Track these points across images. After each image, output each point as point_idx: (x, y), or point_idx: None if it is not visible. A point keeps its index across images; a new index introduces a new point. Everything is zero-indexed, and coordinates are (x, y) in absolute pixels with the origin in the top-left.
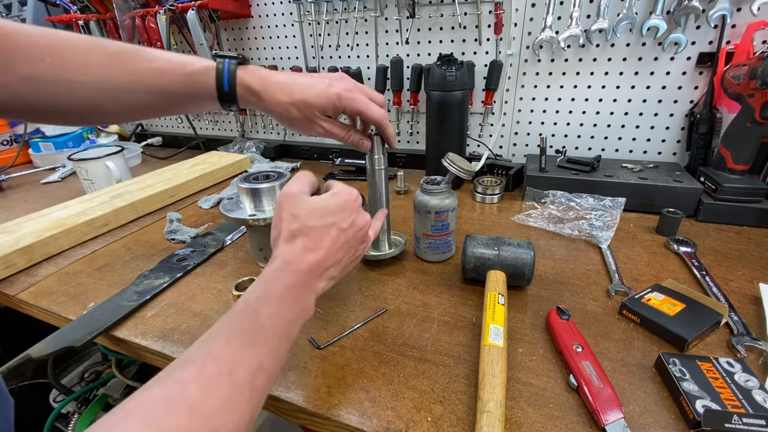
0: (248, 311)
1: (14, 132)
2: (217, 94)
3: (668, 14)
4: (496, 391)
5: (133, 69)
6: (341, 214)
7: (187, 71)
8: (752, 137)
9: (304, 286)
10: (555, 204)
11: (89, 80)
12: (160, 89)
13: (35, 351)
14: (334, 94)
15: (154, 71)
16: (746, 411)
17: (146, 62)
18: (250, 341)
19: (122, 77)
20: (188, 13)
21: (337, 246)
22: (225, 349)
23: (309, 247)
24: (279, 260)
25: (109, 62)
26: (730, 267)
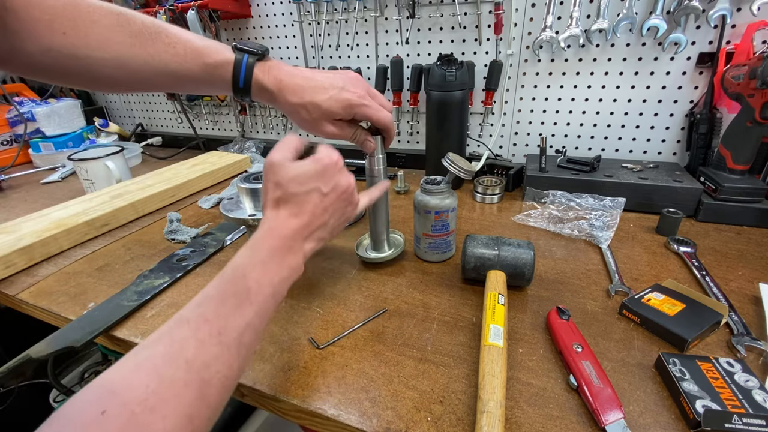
0: (237, 276)
1: (14, 132)
2: (232, 87)
3: (668, 14)
4: (496, 391)
5: (153, 52)
6: (322, 178)
7: (205, 62)
8: (752, 137)
9: (289, 250)
10: (555, 204)
11: (107, 58)
12: (176, 74)
13: (35, 351)
14: (345, 100)
15: (172, 56)
16: (746, 411)
17: (165, 45)
18: (238, 304)
19: (140, 58)
20: (188, 13)
21: (320, 209)
22: (216, 311)
23: (293, 213)
24: (265, 227)
25: (129, 43)
26: (730, 267)
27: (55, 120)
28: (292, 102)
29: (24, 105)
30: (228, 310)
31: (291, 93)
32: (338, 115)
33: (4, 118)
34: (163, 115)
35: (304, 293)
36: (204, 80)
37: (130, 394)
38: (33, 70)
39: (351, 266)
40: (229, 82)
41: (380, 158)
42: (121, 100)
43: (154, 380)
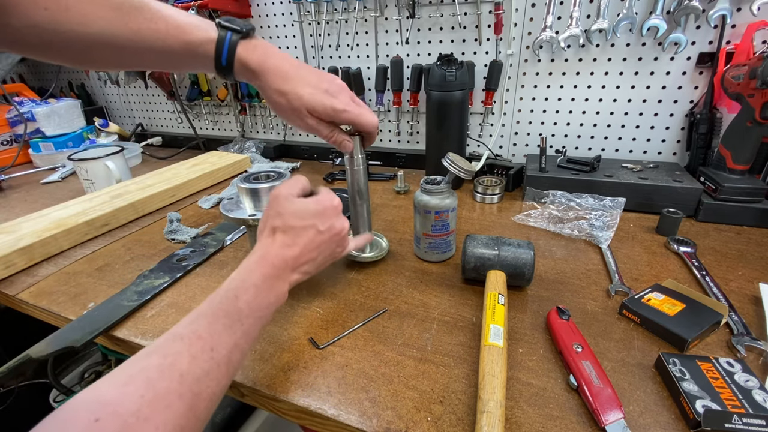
0: (229, 297)
1: (14, 132)
2: (215, 66)
3: (668, 14)
4: (496, 391)
5: (134, 27)
6: (320, 217)
7: (187, 40)
8: (752, 137)
9: (278, 278)
10: (555, 204)
11: (89, 32)
12: (157, 50)
13: (35, 351)
14: (330, 106)
15: (153, 32)
16: (746, 411)
17: (147, 21)
18: (229, 324)
19: (122, 33)
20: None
21: (313, 245)
22: (209, 329)
23: (287, 243)
24: (258, 252)
25: (111, 16)
26: (730, 267)
27: (55, 120)
28: (275, 87)
29: (24, 105)
30: (220, 329)
31: (275, 76)
32: (319, 114)
33: (4, 118)
34: (163, 115)
35: (304, 293)
36: (186, 58)
37: (123, 404)
38: (21, 46)
39: (351, 267)
40: (212, 60)
41: (359, 158)
42: (121, 100)
43: (148, 391)
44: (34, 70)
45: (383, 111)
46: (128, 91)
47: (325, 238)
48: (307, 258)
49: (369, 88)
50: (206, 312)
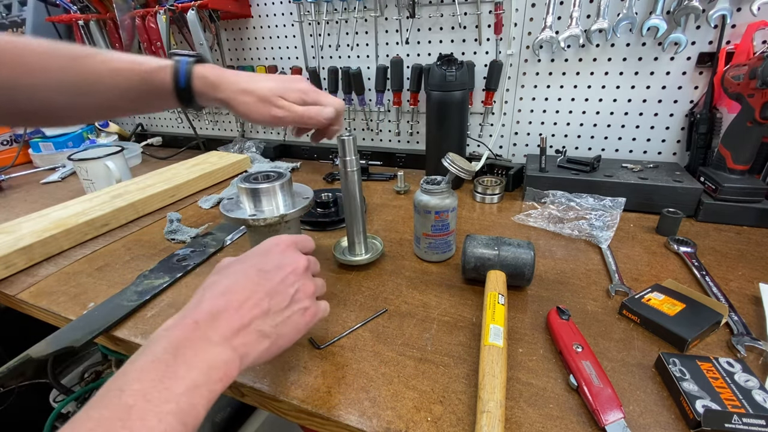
0: (110, 392)
1: (14, 132)
2: (174, 90)
3: (668, 14)
4: (496, 391)
5: (91, 69)
6: (264, 255)
7: (144, 69)
8: (752, 137)
9: (205, 341)
10: (555, 204)
11: (48, 82)
12: (117, 88)
13: (35, 351)
14: (298, 89)
15: (110, 71)
16: (746, 411)
17: (102, 63)
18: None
19: (80, 78)
20: (188, 13)
21: (259, 290)
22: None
23: (218, 292)
24: (175, 316)
25: (67, 65)
26: (730, 267)
27: None
28: (239, 87)
29: None
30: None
31: (237, 79)
32: (289, 98)
33: None
34: (163, 115)
35: None
36: (145, 90)
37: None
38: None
39: (351, 267)
40: (171, 86)
41: (353, 159)
42: None
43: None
44: None
45: (383, 111)
46: None
47: (275, 279)
48: (255, 307)
49: (369, 88)
50: (83, 413)
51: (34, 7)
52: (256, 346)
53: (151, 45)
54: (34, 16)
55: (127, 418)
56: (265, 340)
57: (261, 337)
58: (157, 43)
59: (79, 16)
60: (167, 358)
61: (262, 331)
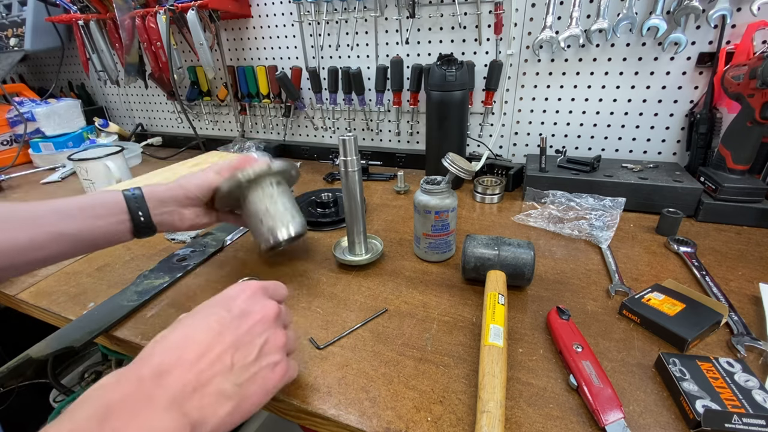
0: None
1: (14, 132)
2: (130, 214)
3: (668, 14)
4: (496, 391)
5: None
6: (229, 301)
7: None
8: (752, 137)
9: (143, 403)
10: (555, 204)
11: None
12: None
13: (35, 351)
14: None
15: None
16: (746, 411)
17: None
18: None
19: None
20: (188, 13)
21: (221, 341)
22: None
23: (170, 344)
24: (113, 374)
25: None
26: (730, 267)
27: (55, 120)
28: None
29: (24, 105)
30: None
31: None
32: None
33: (4, 118)
34: (163, 115)
35: (304, 293)
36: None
37: None
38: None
39: (350, 267)
40: (123, 203)
41: (353, 160)
42: (121, 100)
43: None
44: (34, 70)
45: (383, 111)
46: (128, 91)
47: (240, 326)
48: (211, 361)
49: (369, 88)
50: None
51: (34, 7)
52: (216, 411)
53: (151, 45)
54: (34, 16)
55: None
56: (226, 403)
57: (221, 398)
58: (157, 43)
59: (79, 16)
60: (90, 427)
61: (223, 391)
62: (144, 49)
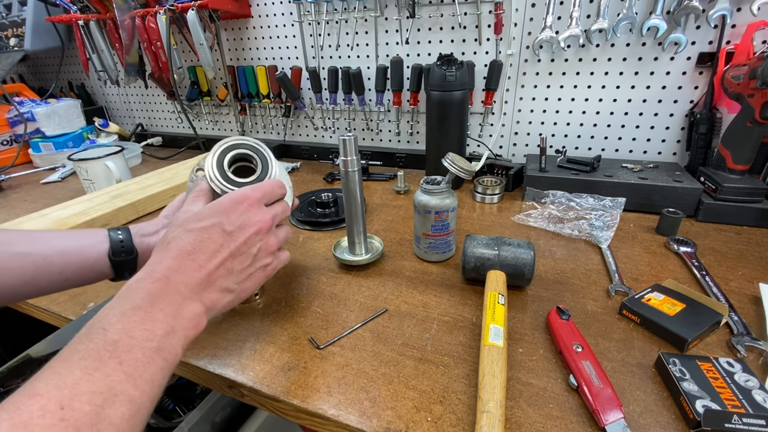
0: (93, 330)
1: (14, 132)
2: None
3: (668, 14)
4: (496, 391)
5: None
6: (225, 214)
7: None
8: (752, 137)
9: (175, 294)
10: (555, 204)
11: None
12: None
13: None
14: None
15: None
16: (746, 411)
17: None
18: (95, 367)
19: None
20: (188, 13)
21: (222, 250)
22: (55, 380)
23: (184, 251)
24: (143, 270)
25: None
26: (730, 267)
27: (55, 120)
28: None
29: (24, 105)
30: (76, 377)
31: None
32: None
33: (4, 118)
34: (163, 115)
35: (304, 293)
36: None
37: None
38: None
39: (350, 267)
40: (102, 229)
41: (354, 159)
42: (121, 100)
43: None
44: (34, 70)
45: (383, 111)
46: (128, 91)
47: (238, 239)
48: (219, 266)
49: (369, 88)
50: (61, 354)
51: (34, 7)
52: (221, 300)
53: (151, 45)
54: (34, 16)
55: (114, 349)
56: (228, 295)
57: (225, 292)
58: (157, 43)
59: (79, 16)
60: (145, 306)
61: (226, 287)
62: (144, 49)
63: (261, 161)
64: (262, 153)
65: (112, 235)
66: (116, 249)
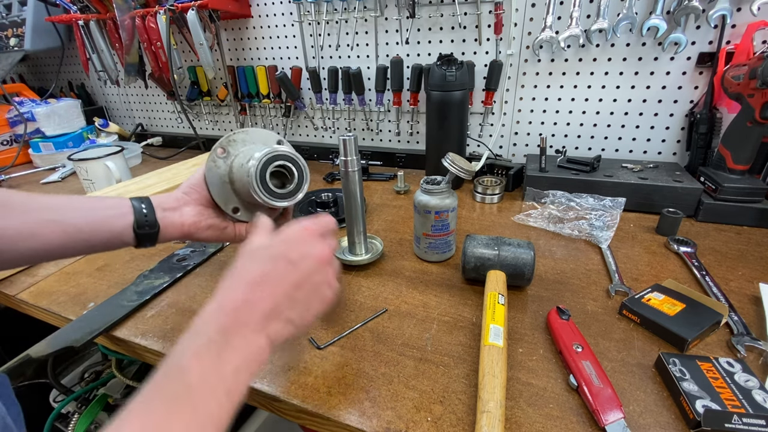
0: (172, 370)
1: (14, 132)
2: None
3: (668, 14)
4: (496, 391)
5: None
6: (289, 246)
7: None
8: (752, 137)
9: (244, 327)
10: (555, 204)
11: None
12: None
13: (35, 351)
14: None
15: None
16: (746, 411)
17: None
18: (173, 409)
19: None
20: (188, 13)
21: (287, 282)
22: (141, 422)
23: (252, 282)
24: (213, 303)
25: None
26: (730, 267)
27: (55, 120)
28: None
29: (24, 105)
30: (158, 419)
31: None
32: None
33: (4, 118)
34: (163, 115)
35: None
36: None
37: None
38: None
39: (351, 267)
40: (125, 200)
41: (354, 159)
42: (121, 100)
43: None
44: (34, 70)
45: (383, 111)
46: (128, 91)
47: (303, 271)
48: (285, 297)
49: (369, 88)
50: (147, 392)
51: (34, 7)
52: (284, 332)
53: (151, 45)
54: (34, 16)
55: (189, 396)
56: (290, 327)
57: (288, 324)
58: (157, 43)
59: (79, 16)
60: (219, 341)
61: (289, 319)
62: (144, 49)
63: (297, 171)
64: (298, 164)
65: (136, 206)
66: (141, 222)
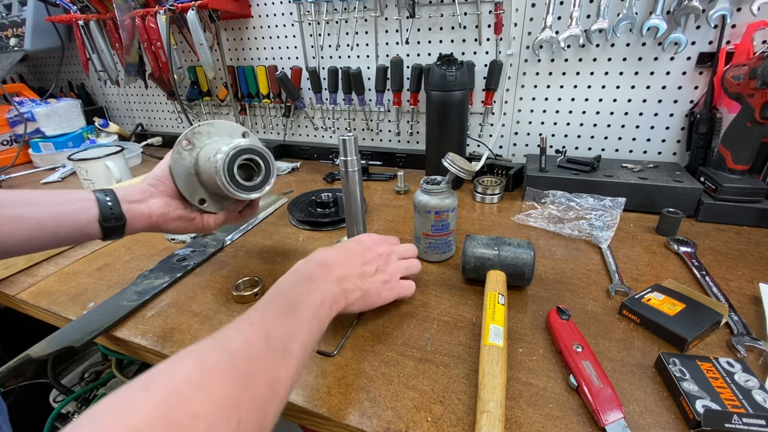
0: (277, 293)
1: (14, 132)
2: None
3: (668, 14)
4: (496, 391)
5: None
6: (360, 242)
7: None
8: (752, 137)
9: (323, 276)
10: (555, 204)
11: None
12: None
13: (35, 351)
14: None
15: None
16: (746, 411)
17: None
18: (281, 315)
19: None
20: (188, 13)
21: (359, 257)
22: (262, 319)
23: (331, 253)
24: (308, 258)
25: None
26: (730, 267)
27: (55, 120)
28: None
29: (24, 105)
30: (272, 320)
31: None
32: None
33: (4, 118)
34: (163, 115)
35: None
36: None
37: (174, 374)
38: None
39: None
40: (89, 192)
41: (353, 160)
42: (121, 100)
43: (198, 364)
44: (34, 70)
45: (383, 111)
46: (128, 91)
47: (370, 255)
48: (356, 266)
49: (369, 88)
50: (262, 303)
51: (34, 7)
52: (351, 294)
53: (151, 45)
54: (34, 16)
55: (291, 308)
56: (357, 291)
57: (355, 288)
58: (157, 43)
59: (79, 16)
60: (308, 277)
61: (356, 284)
62: (144, 49)
63: (263, 164)
64: (265, 157)
65: (101, 199)
66: (106, 215)
